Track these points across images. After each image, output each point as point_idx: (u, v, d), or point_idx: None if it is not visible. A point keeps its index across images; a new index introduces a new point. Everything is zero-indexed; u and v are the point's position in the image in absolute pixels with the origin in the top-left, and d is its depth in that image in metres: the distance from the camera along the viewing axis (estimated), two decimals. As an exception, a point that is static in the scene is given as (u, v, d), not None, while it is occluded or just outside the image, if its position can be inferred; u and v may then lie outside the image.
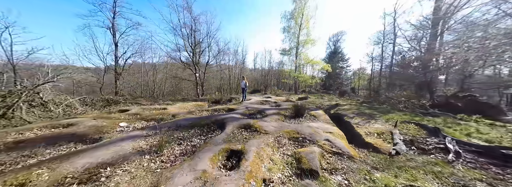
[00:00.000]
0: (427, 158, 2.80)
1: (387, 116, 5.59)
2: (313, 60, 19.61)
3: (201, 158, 2.41)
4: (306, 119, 5.59)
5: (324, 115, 5.94)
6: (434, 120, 4.96)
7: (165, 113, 5.76)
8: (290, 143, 3.43)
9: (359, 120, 5.30)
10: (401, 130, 4.02)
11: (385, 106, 8.16)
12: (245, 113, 5.83)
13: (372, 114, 6.08)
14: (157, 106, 7.57)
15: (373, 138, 3.69)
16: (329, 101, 11.31)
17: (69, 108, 6.31)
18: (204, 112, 6.49)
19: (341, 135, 3.82)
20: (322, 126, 4.37)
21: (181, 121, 4.56)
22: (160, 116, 5.42)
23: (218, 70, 21.58)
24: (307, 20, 18.14)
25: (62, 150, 2.73)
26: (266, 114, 5.76)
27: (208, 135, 3.89)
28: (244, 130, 4.06)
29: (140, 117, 5.29)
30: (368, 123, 4.84)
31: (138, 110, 6.17)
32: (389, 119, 5.12)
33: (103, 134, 3.68)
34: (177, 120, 4.77)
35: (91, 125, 3.94)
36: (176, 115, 5.50)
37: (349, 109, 7.64)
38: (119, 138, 3.15)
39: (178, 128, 4.09)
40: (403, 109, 7.51)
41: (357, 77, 30.35)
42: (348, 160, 2.69)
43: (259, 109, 6.48)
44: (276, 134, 3.77)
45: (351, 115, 5.93)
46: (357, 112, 6.69)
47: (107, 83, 18.26)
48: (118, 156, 2.36)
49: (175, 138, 3.47)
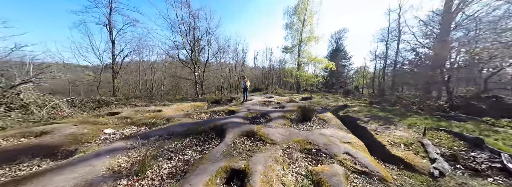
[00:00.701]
0: (486, 184, 2.20)
1: (406, 120, 5.00)
2: (316, 58, 18.94)
3: (193, 185, 1.84)
4: (315, 123, 5.02)
5: (335, 119, 5.36)
6: (463, 125, 4.37)
7: (159, 116, 5.20)
8: (303, 157, 2.87)
9: (376, 124, 4.72)
10: (431, 139, 3.44)
11: (398, 108, 7.55)
12: (247, 116, 5.26)
13: (388, 117, 5.49)
14: (152, 107, 7.01)
15: (401, 150, 3.11)
16: (335, 101, 10.71)
17: (55, 110, 5.77)
18: (202, 114, 5.93)
19: (361, 146, 3.24)
20: (336, 134, 3.79)
21: (175, 127, 4.00)
22: (153, 120, 4.86)
23: (218, 68, 20.95)
24: (310, 16, 17.40)
25: (18, 171, 2.17)
26: (270, 118, 5.19)
27: (205, 145, 3.33)
28: (247, 139, 3.50)
29: (131, 121, 4.74)
30: (388, 129, 4.25)
31: (130, 113, 5.62)
32: (411, 124, 4.53)
33: (81, 144, 3.13)
34: (171, 125, 4.21)
35: (69, 133, 3.39)
36: (171, 119, 4.94)
37: (360, 110, 7.05)
38: (95, 152, 2.58)
39: (170, 136, 3.52)
40: (418, 111, 6.91)
41: (361, 76, 29.63)
42: (380, 184, 2.12)
43: (262, 111, 5.90)
44: (284, 144, 3.21)
45: (365, 119, 5.34)
46: (370, 114, 6.10)
47: (105, 82, 17.77)
48: (83, 184, 1.80)
49: (165, 150, 2.91)
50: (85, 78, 16.49)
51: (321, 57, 20.29)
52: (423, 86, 8.59)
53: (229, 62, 23.36)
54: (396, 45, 16.76)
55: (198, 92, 15.20)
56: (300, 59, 18.78)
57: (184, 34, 13.24)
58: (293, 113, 5.90)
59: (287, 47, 19.47)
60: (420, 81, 8.21)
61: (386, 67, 19.89)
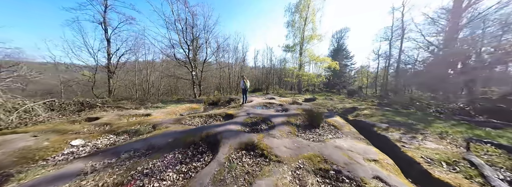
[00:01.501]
0: None
1: (432, 127, 4.29)
2: (319, 57, 18.21)
3: None
4: (325, 130, 4.32)
5: (347, 125, 4.65)
6: (502, 134, 3.66)
7: (145, 122, 4.50)
8: (319, 183, 2.16)
9: (398, 133, 4.01)
10: (479, 155, 2.72)
11: (414, 111, 6.83)
12: (246, 122, 4.56)
13: (407, 123, 4.77)
14: (141, 110, 6.32)
15: (445, 171, 2.40)
16: (341, 103, 9.99)
17: (28, 114, 5.08)
18: (196, 118, 5.24)
19: (392, 165, 2.53)
20: (355, 146, 3.09)
21: (158, 138, 3.30)
22: (137, 127, 4.17)
23: (217, 68, 20.26)
24: (313, 14, 16.67)
25: None
26: (272, 124, 4.49)
27: (193, 162, 2.63)
28: (246, 154, 2.80)
29: (110, 129, 4.04)
30: (415, 139, 3.55)
31: (112, 118, 4.92)
32: (441, 132, 3.82)
33: (32, 163, 2.43)
34: (154, 135, 3.51)
35: (21, 147, 2.69)
36: (157, 125, 4.24)
37: (372, 114, 6.34)
38: (31, 183, 1.87)
39: (149, 152, 2.83)
40: (437, 114, 6.19)
41: (365, 75, 28.87)
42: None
43: (263, 115, 5.20)
44: (293, 162, 2.51)
45: (382, 125, 4.63)
46: (386, 119, 5.39)
47: (101, 82, 17.14)
48: None
49: (137, 173, 2.21)
50: (79, 78, 15.86)
51: (324, 57, 19.56)
52: (438, 87, 7.88)
53: (228, 61, 22.67)
54: (399, 44, 16.15)
55: (196, 93, 14.51)
56: (302, 58, 18.05)
57: (180, 32, 12.54)
58: (298, 118, 5.20)
59: (289, 46, 18.75)
60: (436, 82, 7.50)
61: (389, 66, 19.28)
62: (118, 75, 16.63)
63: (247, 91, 8.36)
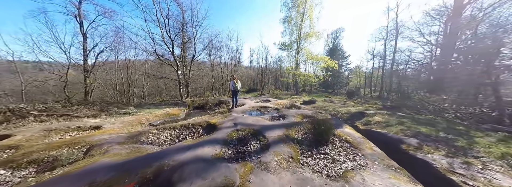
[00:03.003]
0: None
1: (477, 143, 3.21)
2: (317, 56, 17.20)
3: None
4: (338, 149, 3.15)
5: (366, 142, 3.50)
6: None
7: (80, 142, 3.11)
8: None
9: (439, 155, 2.89)
10: None
11: (433, 117, 5.82)
12: (230, 139, 3.29)
13: (441, 136, 3.69)
14: (96, 119, 4.88)
15: None
16: (344, 106, 8.92)
17: None
18: (165, 131, 3.93)
19: None
20: (398, 189, 1.91)
21: (62, 184, 1.96)
22: (64, 150, 2.80)
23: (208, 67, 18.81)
24: (311, 9, 15.60)
25: None
26: (266, 141, 3.25)
27: None
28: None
29: (12, 156, 2.63)
30: (472, 168, 2.43)
31: (34, 135, 3.46)
32: (502, 155, 2.73)
33: None
34: (65, 173, 2.15)
35: None
36: (94, 148, 2.87)
37: (385, 121, 5.25)
38: None
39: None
40: (461, 122, 5.21)
41: (360, 75, 28.34)
42: None
43: (255, 127, 3.95)
44: None
45: (412, 141, 3.51)
46: (407, 130, 4.29)
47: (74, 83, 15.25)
48: None
49: None
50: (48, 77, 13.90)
51: (322, 55, 18.60)
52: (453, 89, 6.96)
53: (221, 60, 21.24)
54: (394, 44, 15.57)
55: (183, 94, 13.06)
56: (299, 57, 16.96)
57: (163, 25, 11.05)
58: (299, 129, 4.01)
59: (285, 44, 17.60)
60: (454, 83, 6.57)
61: (384, 66, 18.74)
62: (96, 74, 14.87)
63: (238, 94, 7.08)
